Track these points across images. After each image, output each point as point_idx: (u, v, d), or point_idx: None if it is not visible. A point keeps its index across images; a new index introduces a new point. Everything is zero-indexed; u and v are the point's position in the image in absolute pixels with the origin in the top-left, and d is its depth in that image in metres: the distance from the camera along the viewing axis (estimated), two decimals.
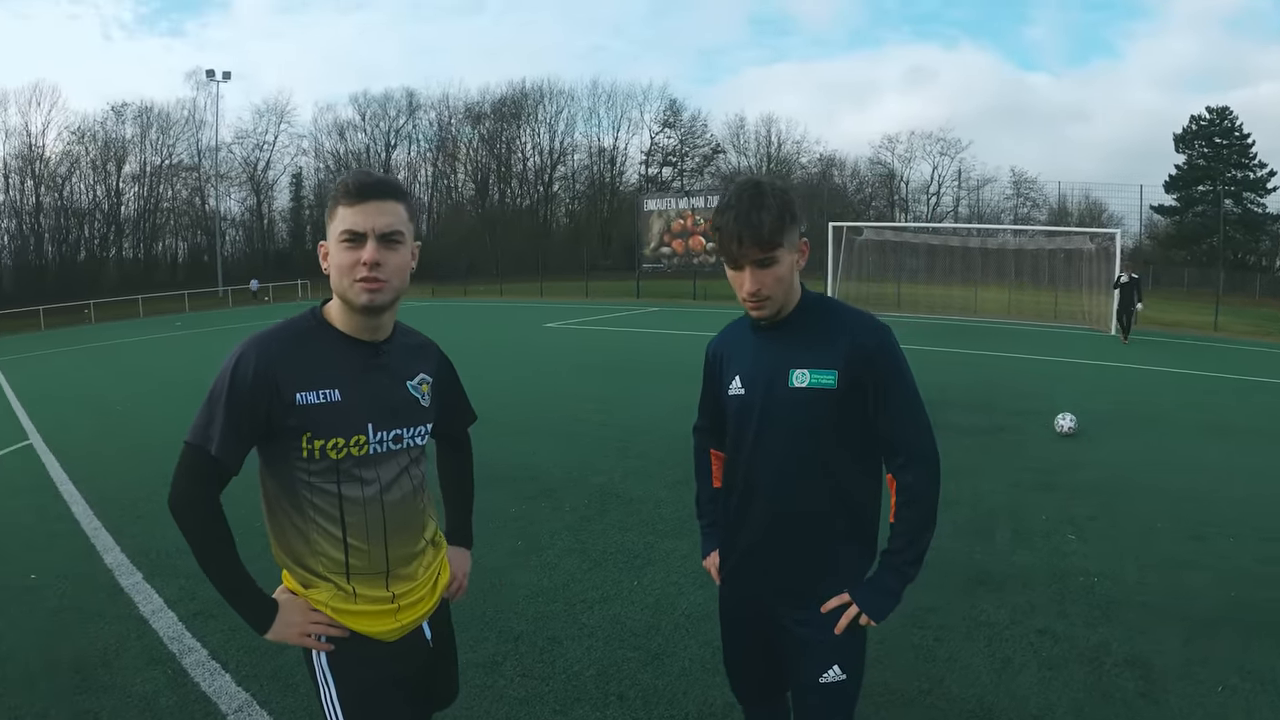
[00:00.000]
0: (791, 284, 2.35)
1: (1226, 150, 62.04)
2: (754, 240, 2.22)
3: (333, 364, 2.10)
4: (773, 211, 2.23)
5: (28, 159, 63.82)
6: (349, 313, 2.11)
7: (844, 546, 2.41)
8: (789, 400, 2.33)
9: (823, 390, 2.30)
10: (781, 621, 2.46)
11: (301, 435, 2.05)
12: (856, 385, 2.30)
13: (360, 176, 2.07)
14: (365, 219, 2.03)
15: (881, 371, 2.31)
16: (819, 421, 2.32)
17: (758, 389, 2.40)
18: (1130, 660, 4.29)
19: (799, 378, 2.32)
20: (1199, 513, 6.71)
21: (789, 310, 2.38)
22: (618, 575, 5.54)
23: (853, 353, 2.29)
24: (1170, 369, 16.00)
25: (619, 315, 31.97)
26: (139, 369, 20.31)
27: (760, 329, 2.44)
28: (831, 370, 2.30)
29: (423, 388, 2.28)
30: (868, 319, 2.39)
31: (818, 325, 2.37)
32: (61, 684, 4.21)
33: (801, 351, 2.34)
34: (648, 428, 10.37)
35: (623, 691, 4.08)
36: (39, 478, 8.74)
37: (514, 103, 79.97)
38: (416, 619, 2.28)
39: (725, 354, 2.58)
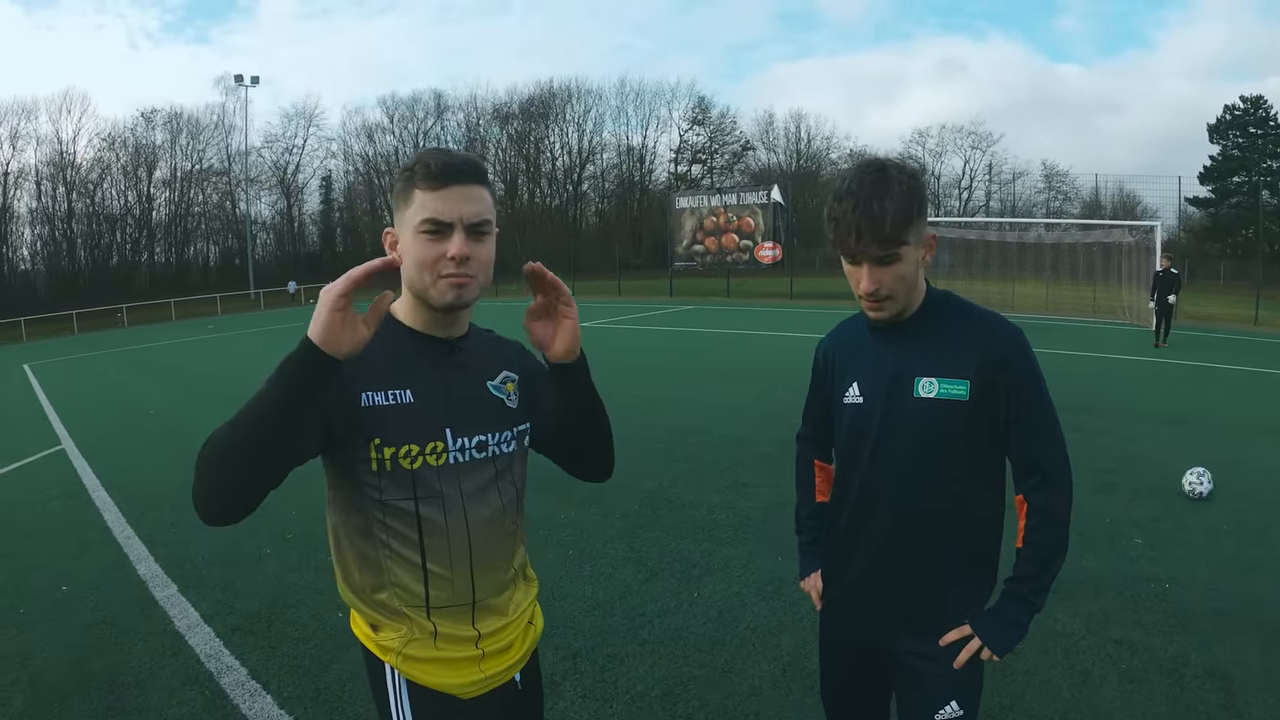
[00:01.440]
0: (916, 282, 2.09)
1: (1262, 140, 60.99)
2: (874, 235, 1.96)
3: (403, 362, 1.83)
4: (898, 201, 1.96)
5: (59, 166, 64.47)
6: (423, 309, 1.85)
7: (965, 571, 2.19)
8: (914, 412, 2.10)
9: (953, 402, 2.07)
10: (894, 651, 2.23)
11: (369, 442, 1.77)
12: (988, 396, 2.06)
13: (443, 157, 1.77)
14: (452, 207, 1.75)
15: (1017, 382, 2.07)
16: (946, 436, 2.09)
17: (878, 398, 2.16)
18: (1210, 671, 4.09)
19: (926, 387, 2.09)
20: (1261, 515, 6.47)
21: (912, 310, 2.14)
22: (676, 586, 5.28)
23: (986, 360, 2.06)
24: (1214, 364, 15.57)
25: (653, 314, 31.77)
26: (172, 372, 20.32)
27: (880, 330, 2.19)
28: (963, 380, 2.06)
29: (507, 387, 2.00)
30: (1001, 321, 2.14)
31: (945, 327, 2.13)
32: (94, 704, 4.03)
33: (928, 357, 2.11)
34: (695, 429, 10.10)
35: (691, 713, 3.84)
36: (71, 483, 8.63)
37: (541, 103, 79.98)
38: (504, 670, 1.98)
39: (839, 357, 2.34)
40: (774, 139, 79.77)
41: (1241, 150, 61.56)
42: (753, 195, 42.46)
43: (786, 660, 4.31)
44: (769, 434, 9.58)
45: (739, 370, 15.57)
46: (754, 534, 6.21)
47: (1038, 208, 68.04)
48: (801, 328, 23.55)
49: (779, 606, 4.94)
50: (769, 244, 40.84)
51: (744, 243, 41.25)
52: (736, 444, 9.17)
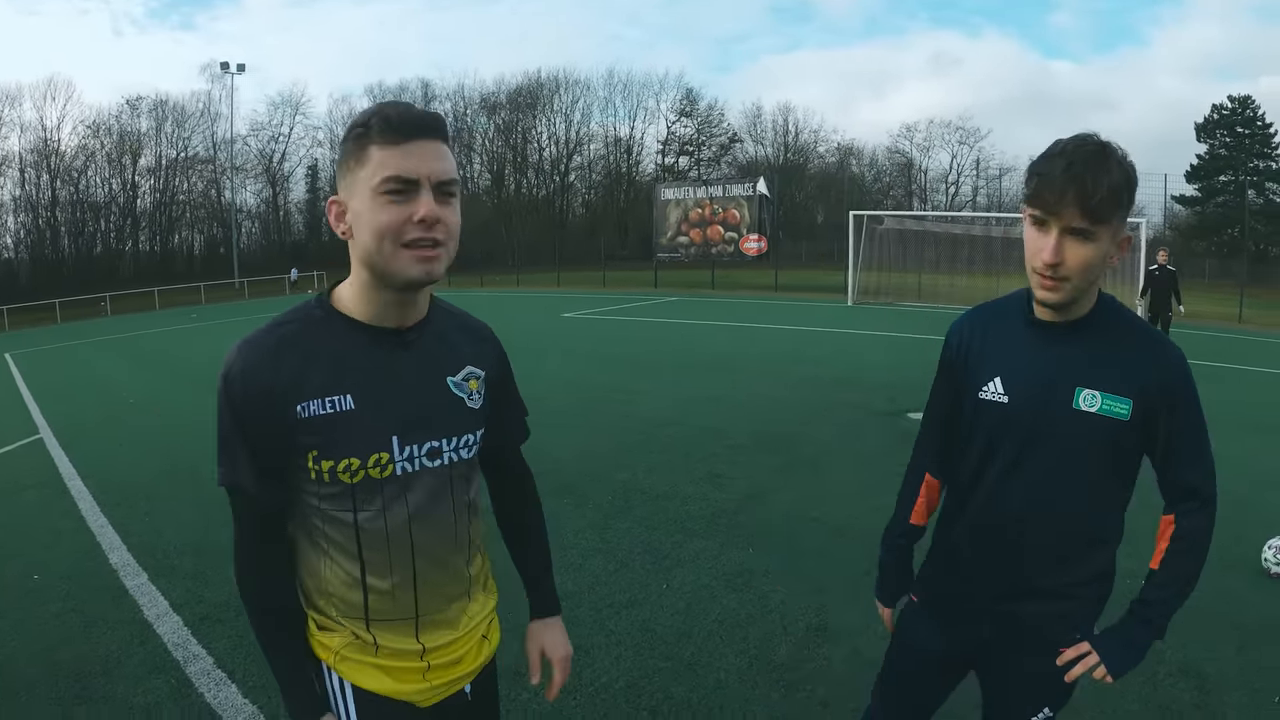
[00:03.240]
0: (1097, 277, 1.91)
1: (1249, 140, 61.30)
2: (1080, 201, 1.77)
3: (344, 361, 1.64)
4: (1114, 178, 1.79)
5: (43, 153, 63.84)
6: (373, 293, 1.64)
7: (1088, 589, 2.11)
8: (1070, 423, 1.95)
9: (1113, 420, 1.93)
10: (990, 652, 2.20)
11: (307, 454, 1.61)
12: (1148, 419, 1.94)
13: (402, 107, 1.57)
14: (417, 163, 1.53)
15: (1182, 409, 1.95)
16: (1098, 454, 1.97)
17: (1029, 400, 2.00)
18: (1184, 669, 4.09)
19: (1087, 399, 1.94)
20: (1239, 514, 6.37)
21: (1082, 312, 1.97)
22: (645, 577, 5.29)
23: (1152, 381, 1.93)
24: (1197, 361, 15.47)
25: (637, 305, 31.71)
26: (154, 361, 20.23)
27: (1039, 326, 2.02)
28: (1126, 399, 1.92)
29: (470, 384, 1.80)
30: (1168, 342, 2.01)
31: (1114, 339, 1.97)
32: (61, 692, 4.02)
33: (1091, 366, 1.95)
34: (671, 420, 10.10)
35: (655, 706, 3.84)
36: (47, 472, 8.59)
37: (529, 93, 79.62)
38: (453, 681, 1.84)
39: (980, 345, 2.13)
40: (761, 131, 79.74)
41: (1229, 150, 61.86)
42: (739, 187, 42.39)
43: (753, 653, 4.32)
44: (744, 426, 9.62)
45: (718, 362, 15.57)
46: (726, 525, 6.23)
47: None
48: (785, 320, 23.54)
49: (748, 599, 4.95)
50: (754, 236, 40.81)
51: (729, 235, 41.19)
52: (712, 435, 9.18)
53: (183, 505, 7.01)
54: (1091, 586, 2.12)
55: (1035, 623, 2.10)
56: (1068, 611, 2.09)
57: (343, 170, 1.60)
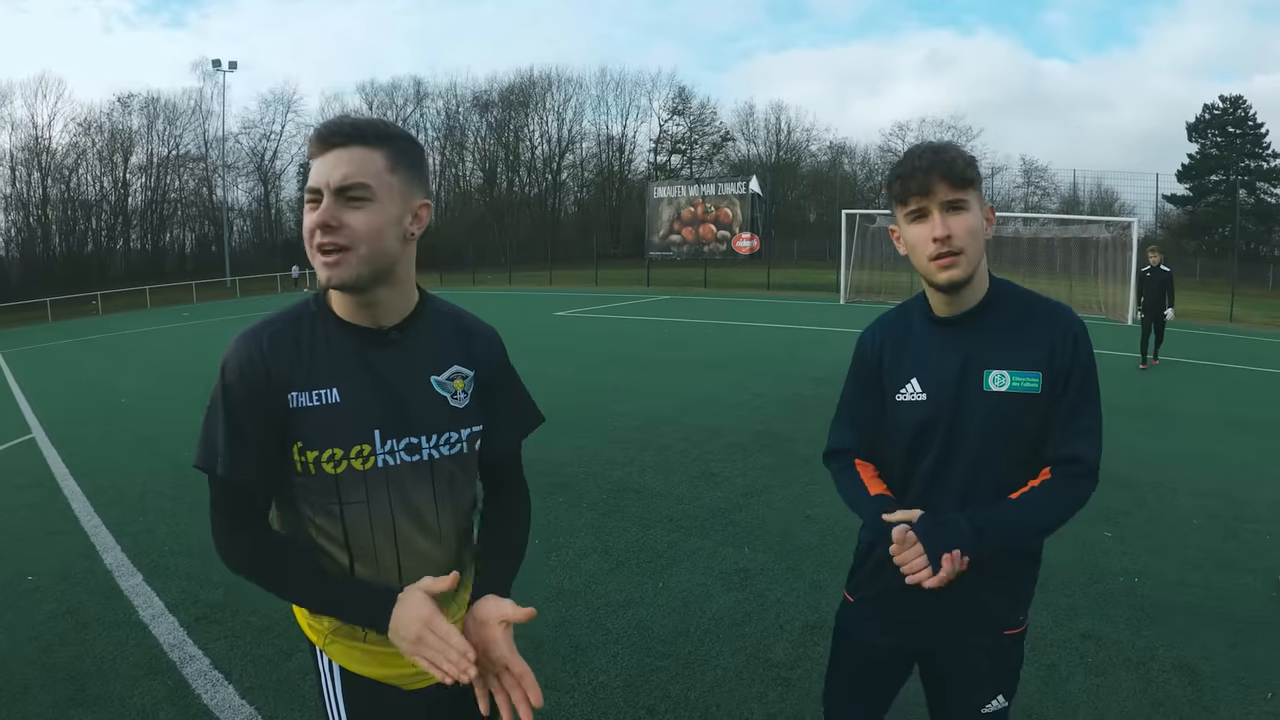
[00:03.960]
0: (982, 248, 2.01)
1: (1240, 140, 61.54)
2: (946, 173, 1.91)
3: (332, 356, 1.72)
4: (962, 153, 1.96)
5: (34, 151, 63.48)
6: (341, 295, 1.74)
7: (1013, 567, 2.14)
8: (985, 406, 2.02)
9: (1025, 395, 2.00)
10: (938, 644, 2.22)
11: (293, 445, 1.68)
12: (1057, 386, 2.00)
13: (331, 121, 1.66)
14: (322, 172, 1.62)
15: (1077, 375, 2.01)
16: (1016, 431, 2.02)
17: (945, 394, 2.06)
18: (1178, 666, 4.14)
19: (996, 380, 2.01)
20: (1231, 510, 6.55)
21: (977, 298, 2.07)
22: (641, 577, 5.30)
23: (1056, 350, 2.00)
24: (1188, 360, 15.71)
25: (630, 304, 31.73)
26: (146, 360, 20.16)
27: (941, 322, 2.10)
28: (1035, 372, 2.00)
29: (455, 384, 1.84)
30: (1066, 309, 2.08)
31: (1011, 317, 2.06)
32: (56, 695, 3.99)
33: (996, 348, 2.03)
34: (666, 419, 10.11)
35: (652, 704, 3.85)
36: (40, 473, 8.55)
37: (522, 91, 79.47)
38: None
39: (891, 352, 2.19)
40: (754, 130, 79.68)
41: (1220, 149, 62.09)
42: (731, 186, 42.44)
43: (750, 652, 4.32)
44: (740, 424, 9.64)
45: (712, 360, 15.59)
46: (721, 525, 6.23)
47: (1016, 202, 68.19)
48: (777, 319, 23.61)
49: (744, 598, 4.96)
50: (747, 235, 40.83)
51: (722, 233, 41.22)
52: (707, 434, 9.19)
53: (177, 505, 6.98)
54: (1024, 565, 2.16)
55: (979, 606, 2.13)
56: (1008, 589, 2.14)
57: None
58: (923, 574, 1.91)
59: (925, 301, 2.14)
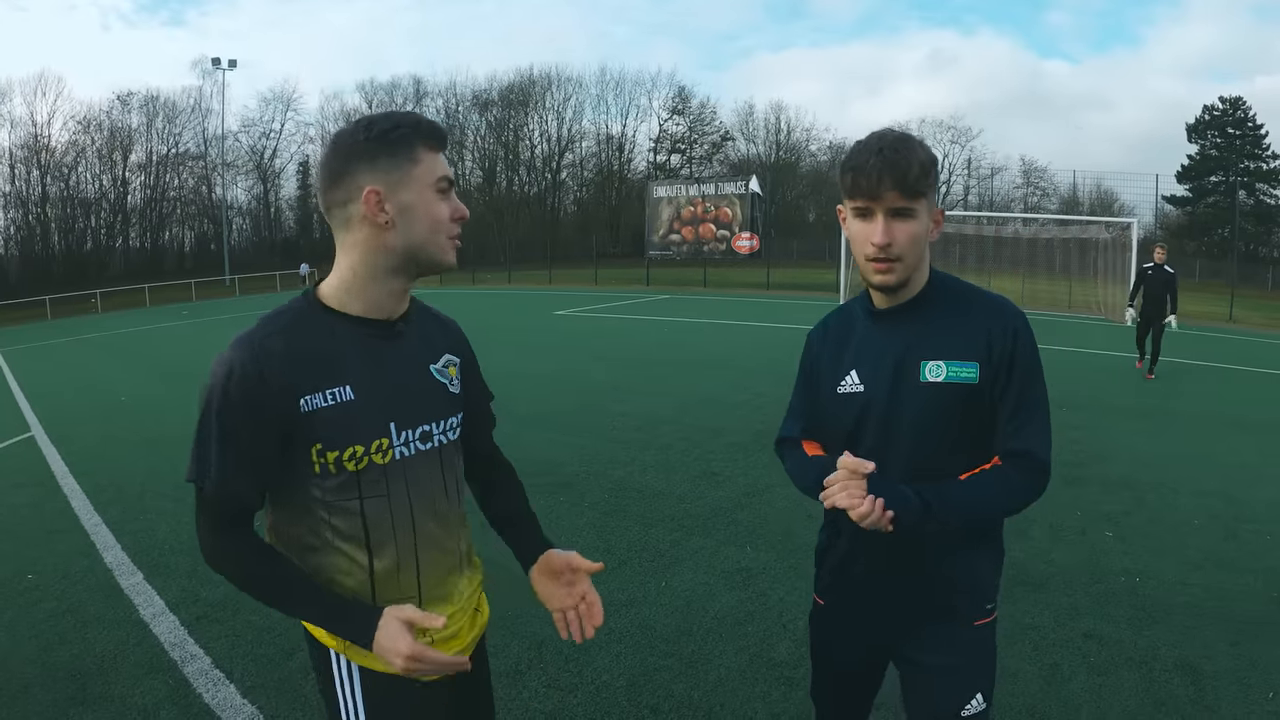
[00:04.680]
0: (923, 253, 2.00)
1: (1240, 141, 61.59)
2: (897, 181, 1.88)
3: (340, 354, 1.71)
4: (920, 157, 1.91)
5: (33, 149, 63.49)
6: (379, 283, 1.74)
7: (974, 554, 2.11)
8: (920, 397, 2.00)
9: (961, 385, 1.97)
10: (903, 647, 2.19)
11: (311, 447, 1.68)
12: (995, 378, 1.97)
13: (430, 119, 1.75)
14: (444, 167, 1.74)
15: (1019, 369, 1.98)
16: (954, 421, 1.99)
17: (880, 384, 2.05)
18: (1180, 665, 4.13)
19: (932, 370, 1.99)
20: (1232, 510, 6.55)
21: (915, 291, 2.05)
22: (644, 576, 5.29)
23: (994, 341, 1.97)
24: (1188, 360, 15.70)
25: (630, 303, 31.71)
26: (145, 358, 20.14)
27: (879, 315, 2.09)
28: (972, 362, 1.97)
29: (449, 371, 1.93)
30: (1008, 303, 2.06)
31: (950, 309, 2.04)
32: (57, 694, 3.98)
33: (934, 340, 2.01)
34: (667, 418, 10.10)
35: (656, 703, 3.83)
36: (39, 471, 8.54)
37: (521, 90, 79.44)
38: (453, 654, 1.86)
39: (832, 345, 2.19)
40: (753, 130, 79.70)
41: (1219, 150, 62.13)
42: (731, 185, 42.45)
43: (753, 651, 4.31)
44: (741, 424, 9.62)
45: (713, 360, 15.59)
46: (723, 524, 6.22)
47: (1015, 203, 68.34)
48: (778, 318, 23.65)
49: (746, 597, 4.95)
50: (746, 234, 40.83)
51: (721, 233, 41.20)
52: (708, 434, 9.18)
53: (177, 504, 6.95)
54: (985, 551, 2.13)
55: (943, 600, 2.11)
56: (970, 582, 2.11)
57: (388, 163, 1.68)
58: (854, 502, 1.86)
59: (867, 296, 2.13)
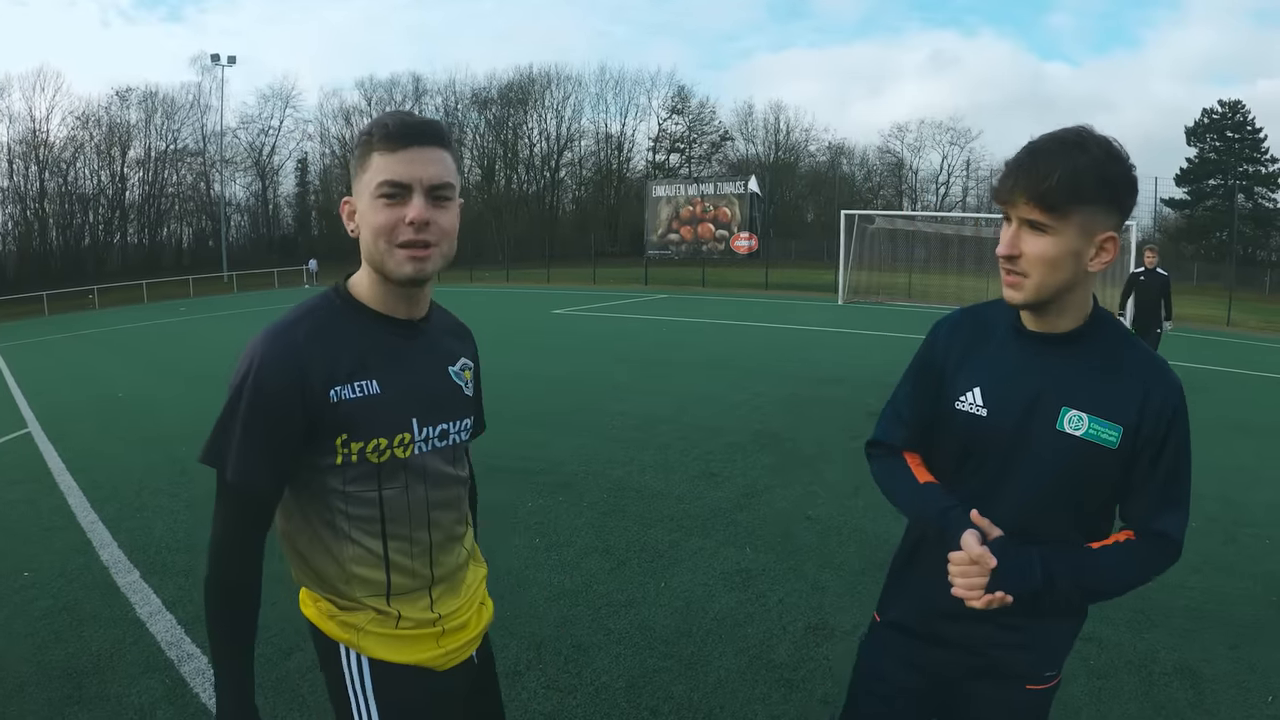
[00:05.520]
0: (1069, 279, 1.74)
1: (1238, 144, 61.68)
2: (1029, 189, 1.68)
3: (368, 349, 1.75)
4: (1078, 164, 1.65)
5: (32, 144, 63.30)
6: (384, 285, 1.77)
7: (1061, 622, 1.94)
8: (1051, 445, 1.78)
9: (1099, 447, 1.76)
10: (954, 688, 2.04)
11: (335, 438, 1.71)
12: (1139, 449, 1.77)
13: (401, 116, 1.70)
14: (410, 168, 1.66)
15: (1171, 446, 1.78)
16: (1079, 481, 1.80)
17: (1008, 416, 1.82)
18: (1179, 669, 4.15)
19: (1073, 422, 1.77)
20: (1231, 515, 6.55)
21: (1075, 323, 1.81)
22: (643, 576, 5.27)
23: (1149, 409, 1.76)
24: (1186, 364, 15.65)
25: (628, 302, 31.66)
26: (142, 355, 20.06)
27: (1025, 335, 1.86)
28: (1117, 426, 1.75)
29: (465, 374, 1.97)
30: (1167, 368, 1.83)
31: (1107, 357, 1.81)
32: (53, 693, 3.95)
33: (1082, 386, 1.79)
34: (665, 418, 10.07)
35: (655, 705, 3.82)
36: (36, 468, 8.50)
37: (521, 88, 79.41)
38: (463, 646, 1.95)
39: (963, 350, 1.95)
40: (753, 130, 79.84)
41: (1218, 154, 62.21)
42: (730, 185, 42.39)
43: (753, 652, 4.30)
44: (740, 424, 9.61)
45: (711, 360, 15.57)
46: (723, 524, 6.21)
47: None
48: (776, 319, 23.58)
49: (746, 598, 4.93)
50: (745, 234, 40.78)
51: (720, 232, 41.14)
52: (707, 433, 9.16)
53: (174, 501, 6.95)
54: (1065, 619, 1.96)
55: (1006, 654, 1.94)
56: (1039, 644, 1.94)
57: (354, 174, 1.75)
58: (972, 594, 1.74)
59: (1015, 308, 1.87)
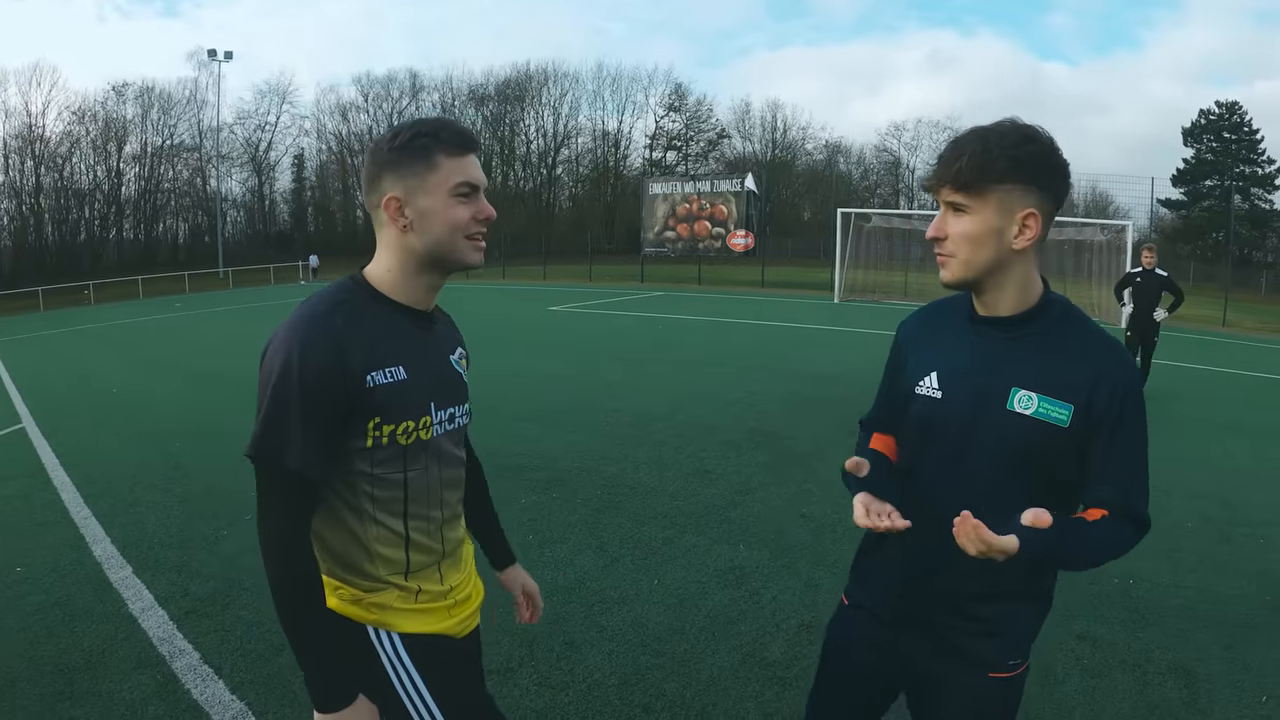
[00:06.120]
0: (994, 256, 1.83)
1: (1235, 145, 61.80)
2: (945, 172, 1.81)
3: (396, 337, 1.88)
4: (993, 152, 1.75)
5: (28, 139, 63.21)
6: (417, 277, 1.92)
7: (1016, 601, 1.97)
8: (1002, 425, 1.84)
9: (1049, 426, 1.81)
10: (919, 673, 2.07)
11: (369, 421, 1.82)
12: (1090, 428, 1.81)
13: (459, 125, 1.90)
14: (476, 172, 1.89)
15: (1127, 423, 1.83)
16: (1031, 460, 1.84)
17: (961, 399, 1.90)
18: (1173, 668, 4.14)
19: (1023, 401, 1.83)
20: (1225, 514, 6.57)
21: (1023, 305, 1.88)
22: (636, 573, 5.27)
23: (1100, 389, 1.80)
24: (1182, 364, 15.68)
25: (624, 299, 31.68)
26: (138, 350, 19.99)
27: (979, 322, 1.94)
28: (1067, 404, 1.80)
29: (463, 363, 2.11)
30: (1120, 348, 1.89)
31: (1057, 337, 1.87)
32: (44, 689, 3.94)
33: (1031, 366, 1.84)
34: (660, 415, 10.08)
35: (648, 702, 3.81)
36: (30, 463, 8.48)
37: (518, 85, 79.40)
38: (469, 616, 2.09)
39: (922, 340, 2.07)
40: (750, 128, 79.81)
41: (1215, 154, 62.35)
42: (726, 183, 42.40)
43: (746, 650, 4.30)
44: (734, 422, 9.61)
45: (706, 357, 15.60)
46: (716, 522, 6.21)
47: None
48: (772, 316, 23.62)
49: (739, 596, 4.93)
50: (741, 232, 40.78)
51: (716, 230, 41.13)
52: (701, 431, 9.16)
53: (167, 497, 6.94)
54: (1032, 604, 2.00)
55: (971, 640, 1.98)
56: (1005, 631, 1.98)
57: (407, 171, 1.84)
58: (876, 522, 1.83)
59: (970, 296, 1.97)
